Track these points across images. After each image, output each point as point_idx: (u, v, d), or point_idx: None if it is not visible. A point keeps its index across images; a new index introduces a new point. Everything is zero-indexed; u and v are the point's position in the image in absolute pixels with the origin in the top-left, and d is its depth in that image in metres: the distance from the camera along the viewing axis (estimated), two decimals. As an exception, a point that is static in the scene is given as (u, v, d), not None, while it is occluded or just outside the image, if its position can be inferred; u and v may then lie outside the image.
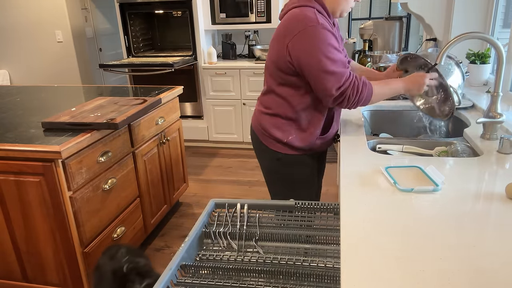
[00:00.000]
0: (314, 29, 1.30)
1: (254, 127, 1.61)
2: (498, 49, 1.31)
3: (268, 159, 1.60)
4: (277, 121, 1.50)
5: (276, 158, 1.55)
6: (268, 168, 1.63)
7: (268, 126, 1.52)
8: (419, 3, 2.35)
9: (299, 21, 1.33)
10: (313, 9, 1.35)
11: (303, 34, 1.31)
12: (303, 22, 1.31)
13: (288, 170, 1.57)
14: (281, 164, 1.56)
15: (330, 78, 1.32)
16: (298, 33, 1.31)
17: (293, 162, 1.55)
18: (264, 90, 1.55)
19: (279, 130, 1.50)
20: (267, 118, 1.52)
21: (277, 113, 1.49)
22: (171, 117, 2.60)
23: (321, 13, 1.36)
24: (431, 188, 1.08)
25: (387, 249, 0.84)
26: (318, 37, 1.30)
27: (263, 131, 1.55)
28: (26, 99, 2.48)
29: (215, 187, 3.21)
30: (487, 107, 1.41)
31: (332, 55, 1.31)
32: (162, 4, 3.77)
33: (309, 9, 1.34)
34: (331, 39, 1.32)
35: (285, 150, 1.52)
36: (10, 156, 1.64)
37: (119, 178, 2.02)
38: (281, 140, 1.50)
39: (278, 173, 1.60)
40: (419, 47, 3.09)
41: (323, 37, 1.31)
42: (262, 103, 1.56)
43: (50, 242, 1.77)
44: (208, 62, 3.83)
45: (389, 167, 1.21)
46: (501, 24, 2.26)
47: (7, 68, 4.80)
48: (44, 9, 4.43)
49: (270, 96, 1.51)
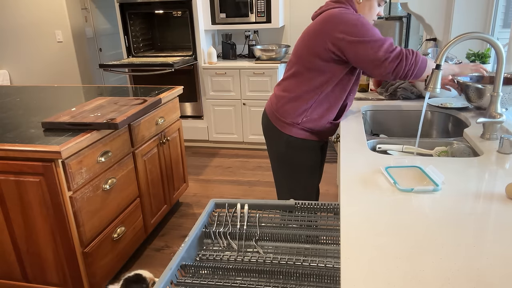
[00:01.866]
0: (352, 15, 1.47)
1: (268, 111, 1.70)
2: (498, 49, 1.31)
3: (278, 142, 1.69)
4: (297, 104, 1.60)
5: (287, 141, 1.64)
6: (277, 152, 1.73)
7: (285, 108, 1.62)
8: (419, 3, 2.35)
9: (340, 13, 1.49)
10: (351, 9, 1.53)
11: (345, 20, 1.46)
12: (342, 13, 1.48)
13: (296, 154, 1.67)
14: (291, 147, 1.66)
15: (378, 42, 1.42)
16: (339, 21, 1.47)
17: (302, 146, 1.65)
18: (289, 74, 1.64)
19: (295, 112, 1.60)
20: (286, 101, 1.62)
21: (299, 95, 1.59)
22: (171, 117, 2.60)
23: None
24: (431, 188, 1.08)
25: (387, 249, 0.84)
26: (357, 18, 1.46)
27: (277, 115, 1.64)
28: (26, 99, 2.48)
29: (215, 187, 3.21)
30: (487, 107, 1.41)
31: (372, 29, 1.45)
32: (162, 4, 3.77)
33: (347, 7, 1.53)
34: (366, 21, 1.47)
35: (296, 132, 1.62)
36: (10, 156, 1.64)
37: (119, 178, 2.02)
38: (295, 122, 1.61)
39: (286, 156, 1.69)
40: (419, 47, 3.09)
41: (360, 18, 1.47)
42: (283, 87, 1.66)
43: (50, 242, 1.77)
44: (208, 62, 3.83)
45: (389, 167, 1.21)
46: (501, 24, 2.26)
47: (7, 68, 4.80)
48: (44, 9, 4.43)
49: (295, 79, 1.60)
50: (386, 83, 2.11)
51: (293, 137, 1.63)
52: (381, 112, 1.97)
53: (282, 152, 1.70)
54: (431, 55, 2.08)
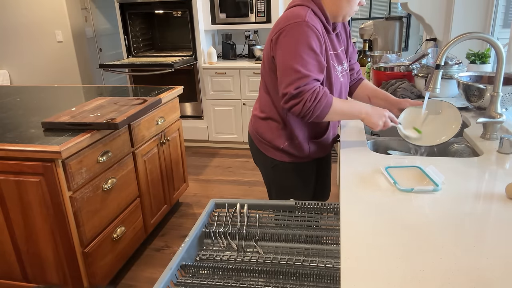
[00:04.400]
0: (297, 25, 1.25)
1: (251, 132, 1.57)
2: (498, 49, 1.31)
3: (264, 166, 1.57)
4: (270, 125, 1.46)
5: (272, 165, 1.51)
6: (265, 174, 1.61)
7: (263, 131, 1.49)
8: (419, 3, 2.35)
9: (287, 18, 1.29)
10: (308, 9, 1.30)
11: (286, 29, 1.27)
12: (290, 18, 1.28)
13: (284, 177, 1.53)
14: (277, 171, 1.52)
15: (292, 74, 1.25)
16: (282, 28, 1.28)
17: (289, 169, 1.50)
18: (259, 92, 1.53)
19: (273, 135, 1.46)
20: (262, 123, 1.49)
21: (269, 116, 1.46)
22: (171, 117, 2.60)
23: (316, 15, 1.32)
24: (431, 188, 1.08)
25: (387, 249, 0.84)
26: (298, 33, 1.25)
27: (259, 137, 1.51)
28: (26, 99, 2.48)
29: (215, 187, 3.22)
30: (487, 107, 1.41)
31: (304, 54, 1.25)
32: (162, 4, 3.77)
33: (303, 8, 1.30)
34: (312, 39, 1.26)
35: (281, 157, 1.48)
36: (10, 156, 1.64)
37: (119, 178, 2.02)
38: (277, 147, 1.47)
39: (274, 180, 1.56)
40: (419, 47, 3.09)
41: (303, 34, 1.25)
42: (257, 106, 1.53)
43: (50, 242, 1.77)
44: (208, 62, 3.83)
45: (389, 167, 1.21)
46: (501, 24, 2.26)
47: (7, 68, 4.80)
48: (44, 9, 4.43)
49: (262, 97, 1.48)
50: (386, 83, 2.11)
51: (278, 160, 1.49)
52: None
53: (270, 177, 1.56)
54: (431, 55, 2.08)
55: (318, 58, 1.27)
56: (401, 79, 2.09)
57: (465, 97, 1.69)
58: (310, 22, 1.26)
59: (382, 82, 2.16)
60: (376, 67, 2.28)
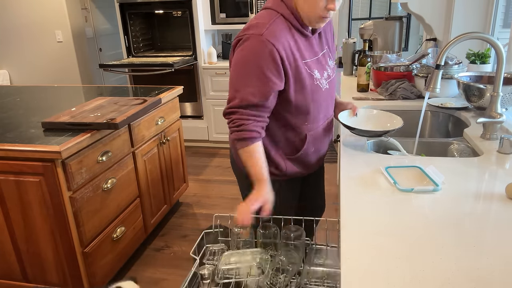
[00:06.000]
0: (254, 40, 1.13)
1: (231, 146, 1.45)
2: (498, 49, 1.31)
3: (240, 180, 1.46)
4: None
5: (248, 183, 1.28)
6: (240, 185, 1.49)
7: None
8: (419, 3, 2.35)
9: (250, 26, 1.17)
10: (276, 15, 1.16)
11: (243, 40, 1.16)
12: (252, 27, 1.16)
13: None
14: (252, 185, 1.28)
15: (232, 92, 1.18)
16: (241, 37, 1.18)
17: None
18: None
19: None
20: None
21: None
22: (171, 117, 2.60)
23: (288, 20, 1.18)
24: (431, 188, 1.08)
25: (387, 249, 0.84)
26: (250, 52, 1.13)
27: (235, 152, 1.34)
28: (26, 99, 2.48)
29: (215, 187, 3.21)
30: (487, 107, 1.41)
31: (250, 76, 1.13)
32: (162, 4, 3.77)
33: (271, 14, 1.17)
34: (263, 60, 1.12)
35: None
36: (10, 156, 1.64)
37: (119, 178, 2.02)
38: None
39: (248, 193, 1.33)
40: (419, 47, 3.09)
41: (255, 54, 1.12)
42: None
43: (50, 242, 1.77)
44: (208, 62, 3.83)
45: (389, 167, 1.21)
46: (501, 24, 2.26)
47: (7, 68, 4.80)
48: (44, 9, 4.43)
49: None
50: (386, 83, 2.11)
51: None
52: (381, 112, 1.96)
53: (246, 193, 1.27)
54: (431, 55, 2.08)
55: (265, 81, 1.14)
56: (401, 79, 2.09)
57: (465, 97, 1.69)
58: (270, 39, 1.12)
59: (382, 82, 2.16)
60: (376, 67, 2.28)
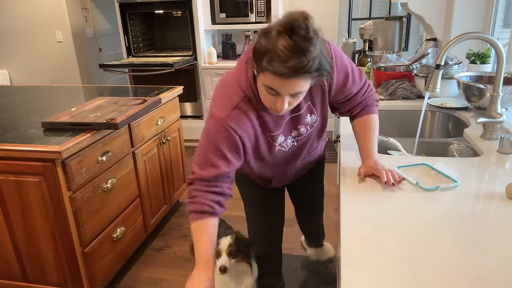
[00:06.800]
0: (213, 120, 1.13)
1: None
2: (498, 49, 1.31)
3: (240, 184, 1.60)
4: None
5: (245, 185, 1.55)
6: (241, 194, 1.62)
7: None
8: (419, 3, 2.35)
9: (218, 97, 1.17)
10: (241, 96, 1.11)
11: (208, 115, 1.17)
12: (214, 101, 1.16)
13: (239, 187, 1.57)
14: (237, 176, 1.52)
15: (192, 165, 1.18)
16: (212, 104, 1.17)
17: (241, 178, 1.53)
18: None
19: None
20: None
21: None
22: (171, 117, 2.60)
23: (252, 102, 1.12)
24: (452, 185, 1.09)
25: (388, 249, 0.84)
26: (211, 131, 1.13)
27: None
28: (26, 99, 2.48)
29: (215, 187, 3.20)
30: (487, 107, 1.41)
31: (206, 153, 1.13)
32: (162, 4, 3.77)
33: (236, 95, 1.11)
34: (223, 141, 1.11)
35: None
36: (10, 156, 1.64)
37: (119, 178, 2.02)
38: None
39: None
40: (419, 47, 3.09)
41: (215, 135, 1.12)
42: None
43: (50, 242, 1.77)
44: (208, 62, 3.83)
45: (400, 166, 1.21)
46: (501, 24, 2.26)
47: (7, 68, 4.80)
48: (44, 9, 4.43)
49: None
50: (386, 83, 2.11)
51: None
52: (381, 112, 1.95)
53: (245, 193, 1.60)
54: (431, 55, 2.08)
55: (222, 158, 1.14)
56: (401, 79, 2.09)
57: (465, 97, 1.69)
58: (232, 124, 1.10)
59: (382, 82, 2.16)
60: (376, 67, 2.28)
